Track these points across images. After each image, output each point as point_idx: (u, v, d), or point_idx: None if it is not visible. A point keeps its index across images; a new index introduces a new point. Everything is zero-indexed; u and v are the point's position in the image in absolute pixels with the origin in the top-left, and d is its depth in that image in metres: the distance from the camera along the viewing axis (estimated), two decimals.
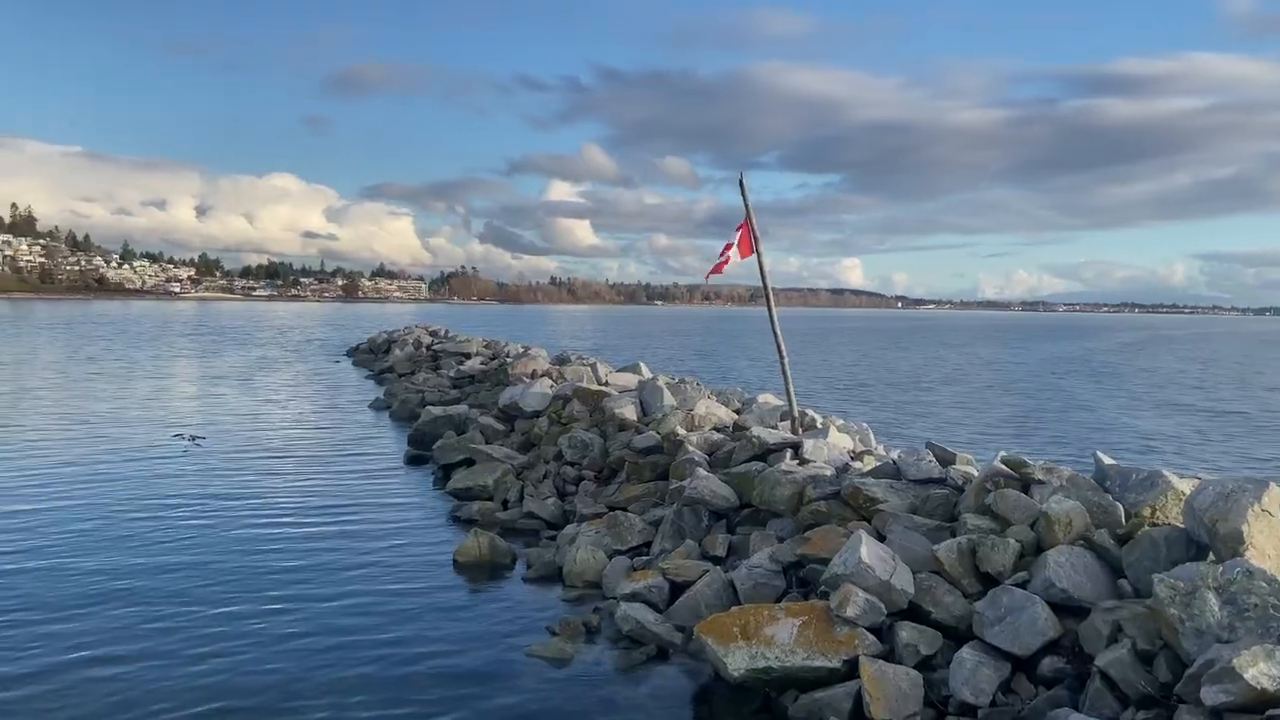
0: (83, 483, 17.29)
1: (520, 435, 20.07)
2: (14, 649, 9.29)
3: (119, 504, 15.54)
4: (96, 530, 13.93)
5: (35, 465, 18.96)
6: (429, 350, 42.24)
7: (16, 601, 10.66)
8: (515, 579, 12.25)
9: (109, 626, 9.85)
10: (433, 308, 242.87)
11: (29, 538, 13.43)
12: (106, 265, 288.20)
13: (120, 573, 11.79)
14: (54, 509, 15.18)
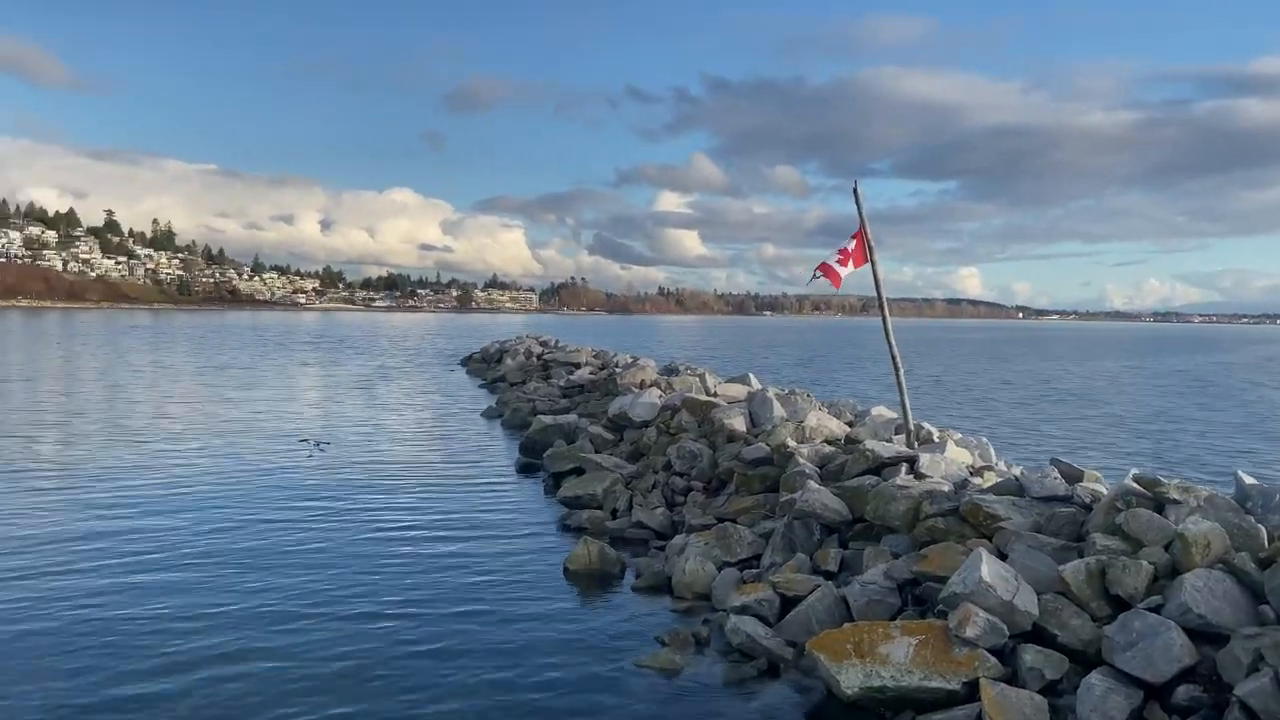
0: (217, 486, 18.17)
1: (629, 445, 20.16)
2: (146, 652, 9.79)
3: (251, 508, 16.25)
4: (228, 534, 14.59)
5: (173, 468, 20.01)
6: (539, 360, 42.92)
7: (147, 606, 11.22)
8: (624, 588, 12.28)
9: (236, 633, 10.19)
10: (543, 318, 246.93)
11: (163, 542, 14.16)
12: (239, 277, 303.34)
13: (250, 577, 12.28)
14: (190, 512, 15.99)
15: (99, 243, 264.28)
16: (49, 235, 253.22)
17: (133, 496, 16.88)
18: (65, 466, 19.86)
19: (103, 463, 20.28)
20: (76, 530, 14.38)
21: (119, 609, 10.82)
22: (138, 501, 16.48)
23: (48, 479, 18.45)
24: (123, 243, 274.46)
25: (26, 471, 19.16)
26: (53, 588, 11.51)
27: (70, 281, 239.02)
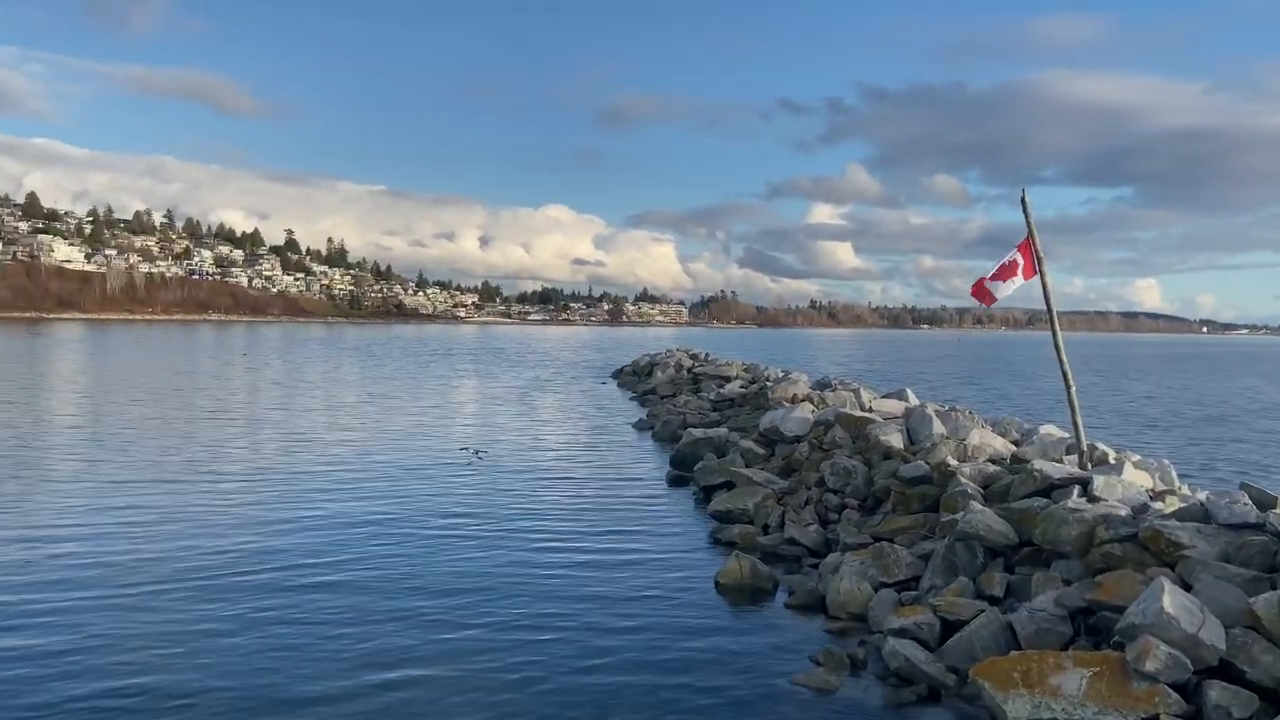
0: (382, 491, 19.06)
1: (781, 460, 19.93)
2: (308, 659, 10.33)
3: (412, 513, 16.95)
4: (389, 539, 15.26)
5: (341, 473, 21.12)
6: (689, 373, 43.04)
7: (307, 611, 11.82)
8: (776, 605, 12.12)
9: (395, 643, 10.48)
10: (692, 331, 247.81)
11: (326, 548, 14.93)
12: (404, 292, 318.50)
13: (407, 583, 12.76)
14: (354, 516, 16.82)
15: (280, 260, 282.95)
16: (236, 254, 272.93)
17: (302, 500, 17.88)
18: (241, 471, 21.26)
19: (276, 467, 21.61)
20: (247, 533, 15.36)
21: (285, 609, 11.46)
22: (306, 505, 17.44)
23: (224, 483, 19.78)
24: (301, 260, 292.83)
25: (205, 477, 20.62)
26: (220, 586, 12.33)
27: (254, 297, 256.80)
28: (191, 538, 14.67)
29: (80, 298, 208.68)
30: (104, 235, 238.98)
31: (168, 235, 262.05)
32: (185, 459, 22.28)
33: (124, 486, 18.68)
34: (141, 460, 21.92)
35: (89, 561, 13.19)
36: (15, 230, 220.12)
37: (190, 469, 20.95)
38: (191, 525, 15.52)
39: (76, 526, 15.27)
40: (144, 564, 13.14)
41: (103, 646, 9.93)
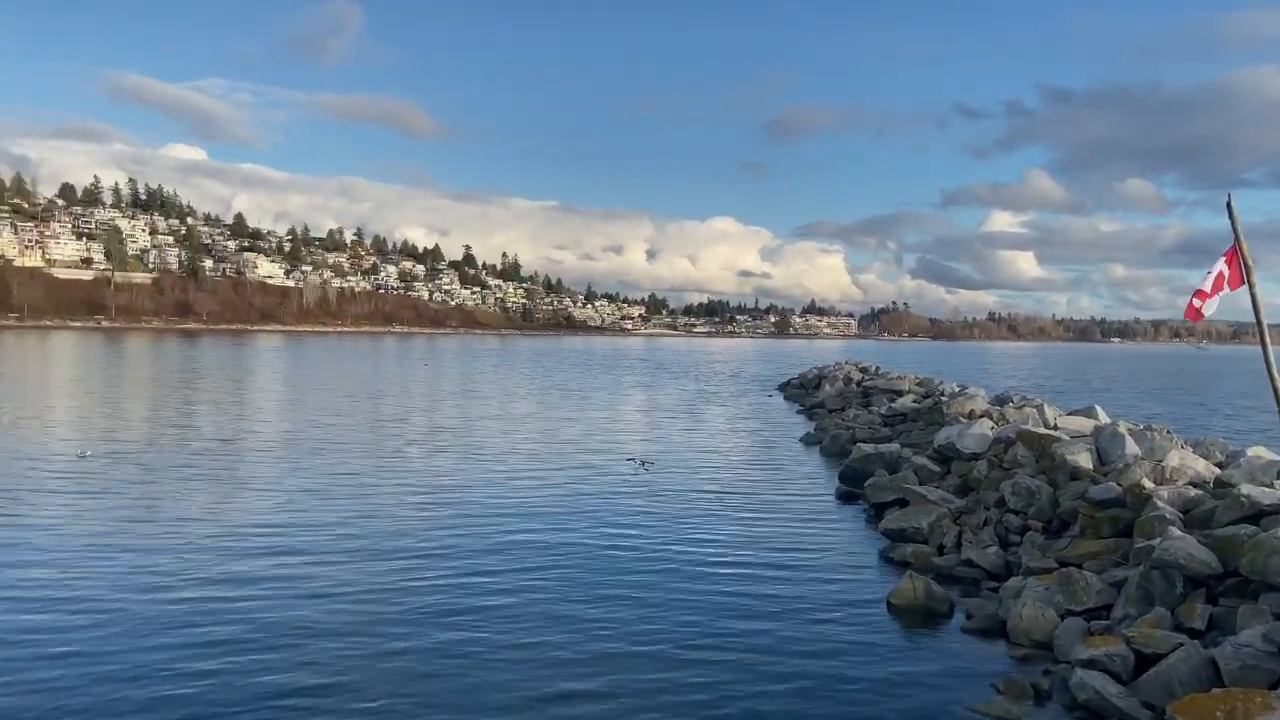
0: (549, 499, 19.61)
1: (957, 478, 19.20)
2: (483, 664, 10.70)
3: (579, 524, 17.31)
4: (558, 547, 15.66)
5: (512, 480, 21.85)
6: (859, 386, 42.14)
7: (481, 618, 12.25)
8: (953, 629, 11.68)
9: (559, 655, 10.67)
10: (862, 344, 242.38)
11: (497, 554, 15.45)
12: (573, 305, 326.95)
13: (577, 595, 13.04)
14: (523, 526, 17.36)
15: (458, 275, 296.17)
16: (418, 269, 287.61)
17: (476, 507, 18.59)
18: (420, 478, 22.32)
19: (453, 473, 22.59)
20: (424, 539, 16.10)
21: (458, 615, 11.94)
22: (480, 512, 18.12)
23: (405, 490, 20.82)
24: (477, 275, 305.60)
25: (389, 481, 21.77)
26: (396, 589, 12.96)
27: (434, 310, 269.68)
28: (372, 539, 15.55)
29: (280, 311, 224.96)
30: (301, 253, 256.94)
31: (357, 252, 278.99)
32: (371, 464, 23.63)
33: (313, 492, 19.98)
34: (330, 466, 23.38)
35: (277, 560, 14.20)
36: (225, 249, 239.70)
37: (376, 473, 22.19)
38: (373, 529, 16.44)
39: (268, 528, 16.45)
40: (328, 563, 14.02)
41: (276, 641, 10.66)
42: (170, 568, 13.42)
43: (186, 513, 17.21)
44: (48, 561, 13.64)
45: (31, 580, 12.66)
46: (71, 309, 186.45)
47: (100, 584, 12.54)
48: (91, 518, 16.64)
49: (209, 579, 12.89)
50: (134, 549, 14.42)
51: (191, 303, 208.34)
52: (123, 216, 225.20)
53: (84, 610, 11.42)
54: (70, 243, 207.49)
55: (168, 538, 15.24)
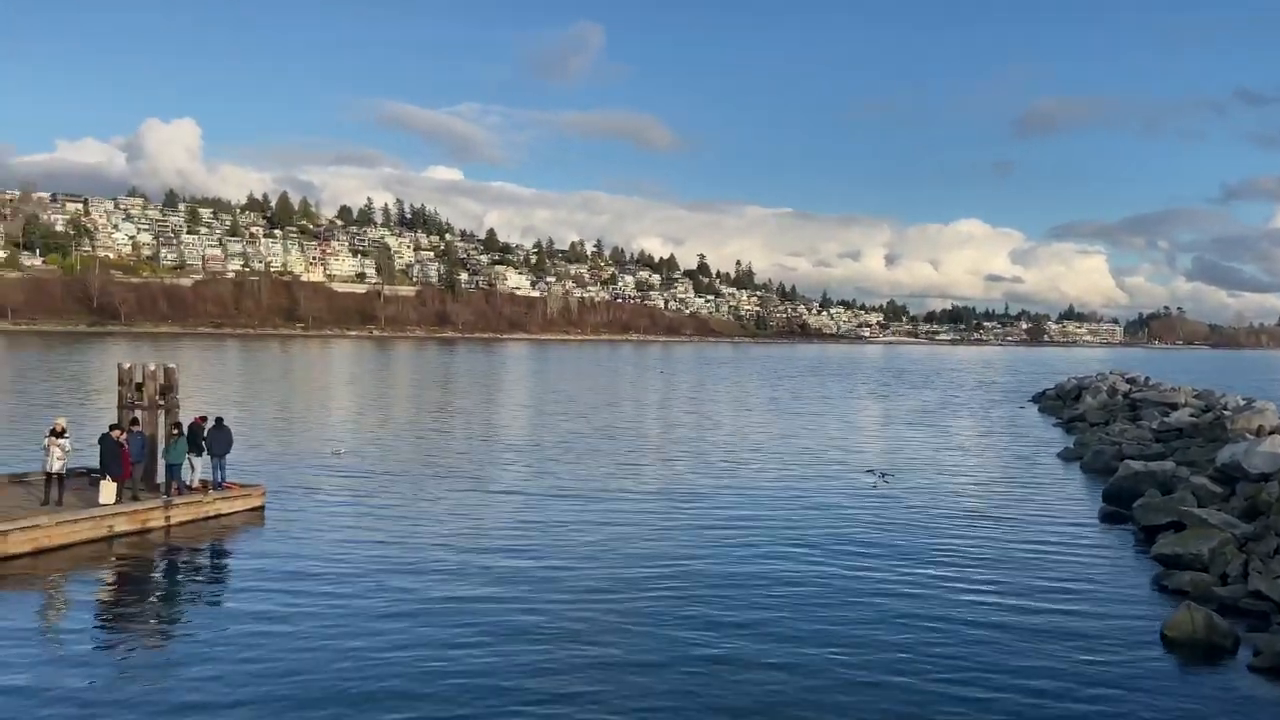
0: (783, 508, 19.34)
1: (1243, 500, 17.16)
2: (711, 681, 10.60)
3: (815, 538, 16.93)
4: (791, 560, 15.38)
5: (744, 488, 21.74)
6: (1126, 399, 38.77)
7: (718, 630, 12.15)
8: (1237, 666, 10.41)
9: (798, 681, 10.52)
10: (1128, 352, 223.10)
11: (730, 566, 15.34)
12: (808, 312, 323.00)
13: (816, 614, 12.72)
14: (757, 538, 17.18)
15: (693, 284, 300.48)
16: (654, 278, 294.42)
17: (710, 514, 18.62)
18: (655, 485, 22.66)
19: (687, 479, 22.77)
20: (649, 545, 16.28)
21: (696, 622, 11.93)
22: (713, 519, 18.13)
23: (639, 496, 21.19)
24: (711, 283, 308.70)
25: (623, 487, 22.24)
26: (626, 587, 13.12)
27: (669, 318, 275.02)
28: (606, 545, 15.94)
29: (526, 320, 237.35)
30: (546, 265, 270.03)
31: (597, 263, 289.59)
32: (608, 469, 24.32)
33: (554, 495, 20.78)
34: (570, 469, 24.28)
35: (516, 560, 14.83)
36: (478, 262, 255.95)
37: (613, 479, 22.80)
38: (607, 536, 16.84)
39: (507, 528, 17.26)
40: (564, 567, 14.49)
41: (528, 638, 11.07)
42: (413, 566, 14.37)
43: (428, 512, 18.40)
44: (312, 553, 15.00)
45: (303, 572, 13.95)
46: (348, 319, 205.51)
47: (356, 575, 13.62)
48: (346, 514, 18.16)
49: (442, 576, 13.68)
50: (386, 544, 15.60)
51: (449, 313, 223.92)
52: (391, 234, 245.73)
53: (356, 600, 12.44)
54: (347, 259, 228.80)
55: (412, 537, 16.36)
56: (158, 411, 17.77)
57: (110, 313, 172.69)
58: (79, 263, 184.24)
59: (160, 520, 16.07)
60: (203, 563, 14.77)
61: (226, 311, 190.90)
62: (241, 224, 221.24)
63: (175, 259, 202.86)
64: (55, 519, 14.65)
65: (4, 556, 13.63)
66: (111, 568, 13.90)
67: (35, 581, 13.00)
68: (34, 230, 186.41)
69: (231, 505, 17.37)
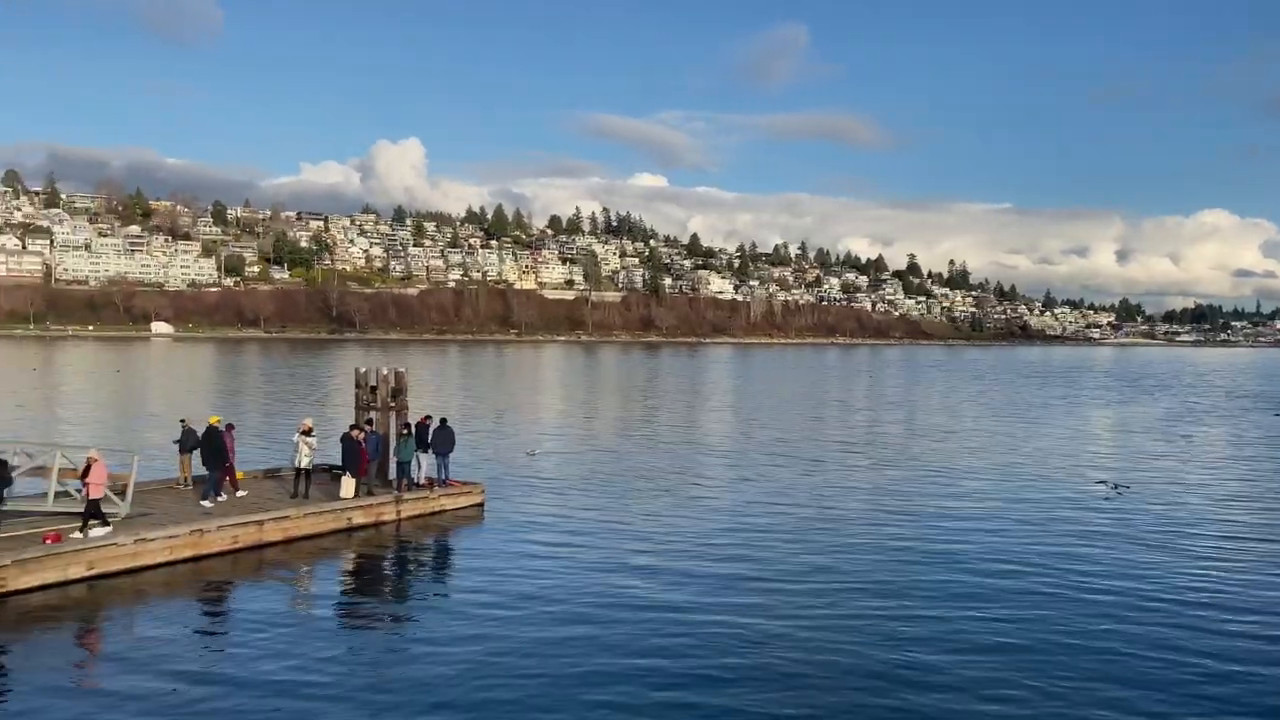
0: (1004, 521, 18.22)
1: None
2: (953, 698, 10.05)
3: (1044, 554, 15.81)
4: (1020, 580, 14.43)
5: (966, 503, 20.67)
6: None
7: (959, 654, 11.54)
8: None
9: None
10: None
11: (949, 586, 14.57)
12: (1029, 313, 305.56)
13: (1059, 641, 11.88)
14: (980, 555, 16.26)
15: (902, 285, 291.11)
16: (860, 280, 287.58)
17: (923, 525, 17.79)
18: (864, 496, 21.94)
19: (897, 490, 21.89)
20: (863, 556, 15.70)
21: (926, 642, 11.40)
22: (931, 533, 17.30)
23: (846, 506, 20.56)
24: (922, 284, 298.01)
25: (832, 495, 21.65)
26: (835, 604, 12.67)
27: (877, 320, 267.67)
28: (814, 554, 15.55)
29: (729, 324, 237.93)
30: (749, 268, 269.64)
31: (801, 265, 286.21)
32: (815, 475, 23.85)
33: (760, 502, 20.55)
34: (777, 474, 23.97)
35: (733, 566, 14.71)
36: (681, 267, 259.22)
37: (820, 486, 22.33)
38: (815, 546, 16.45)
39: (719, 534, 17.17)
40: (775, 574, 14.25)
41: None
42: (624, 565, 14.56)
43: (638, 512, 18.62)
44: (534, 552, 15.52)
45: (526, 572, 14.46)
46: (557, 325, 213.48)
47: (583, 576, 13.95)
48: (560, 511, 18.67)
49: (649, 577, 13.76)
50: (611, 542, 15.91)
51: (653, 317, 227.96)
52: (598, 242, 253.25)
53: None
54: (557, 267, 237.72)
55: (623, 536, 16.60)
56: (389, 412, 18.98)
57: (347, 321, 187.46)
58: (320, 275, 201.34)
59: (392, 514, 17.14)
60: (430, 555, 15.63)
61: (448, 318, 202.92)
62: (461, 236, 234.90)
63: (403, 270, 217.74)
64: (303, 511, 15.92)
65: (260, 544, 14.95)
66: (350, 558, 14.94)
67: (285, 568, 14.17)
68: (282, 246, 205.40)
69: (455, 502, 18.30)
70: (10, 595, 11.94)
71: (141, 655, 10.17)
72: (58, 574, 12.57)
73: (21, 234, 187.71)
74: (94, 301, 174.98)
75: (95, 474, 13.54)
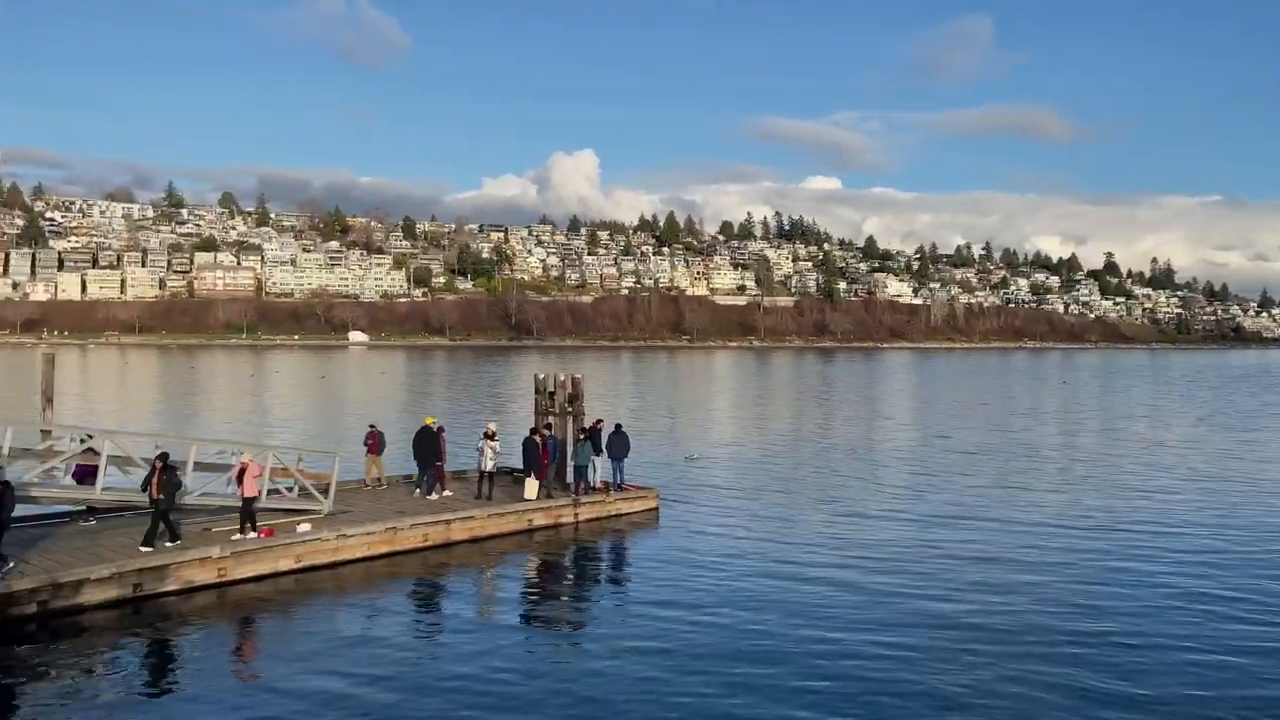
0: (1213, 541, 16.73)
1: None
2: None
3: (1256, 588, 14.45)
4: (1232, 622, 13.21)
5: (1166, 520, 19.12)
6: None
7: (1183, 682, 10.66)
8: None
9: None
10: None
11: (1157, 600, 13.47)
12: (1243, 314, 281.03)
13: None
14: (1181, 579, 15.00)
15: (1098, 285, 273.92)
16: (1051, 280, 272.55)
17: (1129, 549, 16.45)
18: (1057, 509, 20.67)
19: (1092, 508, 20.35)
20: (1043, 582, 14.72)
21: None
22: (1123, 556, 16.00)
23: (1039, 522, 19.40)
24: (1121, 283, 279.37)
25: (1024, 510, 20.51)
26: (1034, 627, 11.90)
27: (1071, 323, 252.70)
28: (995, 575, 14.75)
29: (908, 328, 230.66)
30: (929, 270, 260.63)
31: (985, 266, 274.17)
32: (1001, 490, 22.65)
33: (941, 517, 19.71)
34: (958, 487, 22.95)
35: (910, 582, 14.16)
36: (856, 270, 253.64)
37: (1009, 503, 21.19)
38: (998, 567, 15.60)
39: (896, 549, 16.56)
40: (955, 593, 13.59)
41: None
42: (799, 574, 14.26)
43: (812, 521, 18.21)
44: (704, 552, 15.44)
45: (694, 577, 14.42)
46: (728, 331, 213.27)
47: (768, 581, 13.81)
48: (734, 518, 18.51)
49: (826, 588, 13.39)
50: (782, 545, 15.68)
51: (827, 322, 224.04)
52: (770, 247, 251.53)
53: None
54: (728, 273, 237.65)
55: (798, 545, 16.27)
56: (567, 417, 19.43)
57: (525, 328, 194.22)
58: (500, 285, 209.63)
59: (570, 517, 17.52)
60: (607, 559, 15.86)
61: (621, 325, 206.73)
62: (633, 244, 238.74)
63: (577, 279, 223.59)
64: (487, 511, 16.51)
65: (448, 543, 15.61)
66: (531, 559, 15.36)
67: (471, 567, 14.72)
68: (465, 258, 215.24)
69: (630, 505, 18.51)
70: (230, 584, 12.95)
71: (339, 645, 10.78)
72: (270, 566, 13.52)
73: (236, 251, 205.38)
74: (298, 312, 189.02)
75: (249, 476, 13.96)
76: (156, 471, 13.21)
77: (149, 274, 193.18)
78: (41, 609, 11.41)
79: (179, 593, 12.46)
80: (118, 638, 10.97)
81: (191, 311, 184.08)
